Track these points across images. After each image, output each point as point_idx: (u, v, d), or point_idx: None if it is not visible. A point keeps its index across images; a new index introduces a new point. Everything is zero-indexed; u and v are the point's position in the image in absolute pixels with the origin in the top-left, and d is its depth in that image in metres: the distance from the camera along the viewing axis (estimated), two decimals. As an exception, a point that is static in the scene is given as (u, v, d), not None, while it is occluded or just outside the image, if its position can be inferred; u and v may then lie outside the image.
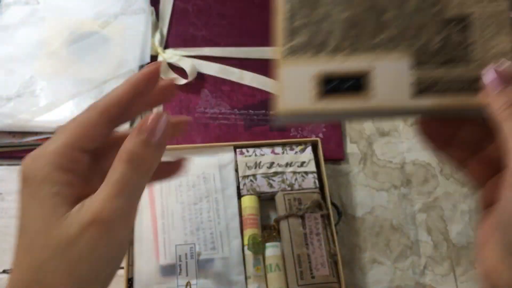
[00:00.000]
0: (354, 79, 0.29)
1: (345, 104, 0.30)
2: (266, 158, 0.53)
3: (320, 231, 0.49)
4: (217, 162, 0.53)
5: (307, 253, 0.47)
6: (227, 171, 0.53)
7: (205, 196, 0.51)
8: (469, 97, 0.28)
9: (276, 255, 0.48)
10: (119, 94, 0.30)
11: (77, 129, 0.29)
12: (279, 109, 0.30)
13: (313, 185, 0.52)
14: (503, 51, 0.28)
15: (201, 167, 0.52)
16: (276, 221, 0.50)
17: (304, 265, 0.47)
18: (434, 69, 0.29)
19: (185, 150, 0.54)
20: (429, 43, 0.29)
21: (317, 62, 0.30)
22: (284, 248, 0.49)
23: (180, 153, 0.53)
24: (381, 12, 0.30)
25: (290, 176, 0.53)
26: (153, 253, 0.48)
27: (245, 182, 0.52)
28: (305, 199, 0.50)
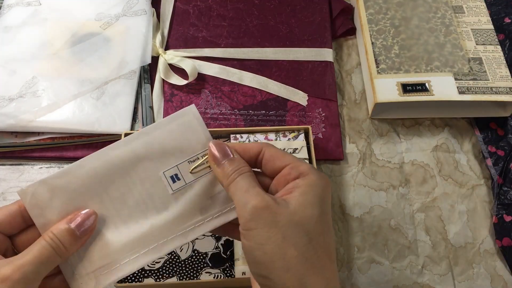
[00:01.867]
0: (420, 85, 0.59)
1: (417, 97, 0.58)
2: None
3: None
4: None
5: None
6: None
7: None
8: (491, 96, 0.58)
9: None
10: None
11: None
12: (377, 100, 0.58)
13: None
14: (504, 75, 0.59)
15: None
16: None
17: None
18: (467, 81, 0.59)
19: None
20: (462, 69, 0.60)
21: (398, 76, 0.60)
22: None
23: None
24: (430, 53, 0.61)
25: None
26: None
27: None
28: None
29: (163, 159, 0.35)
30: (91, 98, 0.58)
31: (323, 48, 0.65)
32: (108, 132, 0.56)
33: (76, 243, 0.34)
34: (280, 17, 0.67)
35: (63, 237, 0.33)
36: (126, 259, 0.35)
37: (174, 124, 0.35)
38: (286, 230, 0.30)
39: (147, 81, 0.61)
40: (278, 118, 0.60)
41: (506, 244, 0.53)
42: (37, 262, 0.31)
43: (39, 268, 0.31)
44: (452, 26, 0.63)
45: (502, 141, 0.59)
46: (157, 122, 0.36)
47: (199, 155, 0.36)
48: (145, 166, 0.35)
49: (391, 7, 0.65)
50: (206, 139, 0.36)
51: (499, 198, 0.55)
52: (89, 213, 0.35)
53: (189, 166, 0.36)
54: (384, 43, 0.62)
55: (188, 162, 0.36)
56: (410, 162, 0.59)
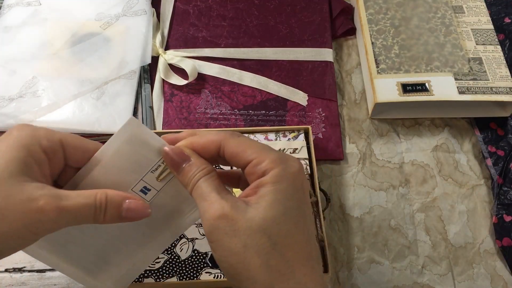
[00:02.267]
0: (420, 85, 0.59)
1: (417, 97, 0.58)
2: None
3: None
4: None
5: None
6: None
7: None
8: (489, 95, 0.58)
9: None
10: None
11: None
12: (377, 100, 0.58)
13: (304, 171, 0.53)
14: (504, 75, 0.59)
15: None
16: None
17: None
18: (467, 81, 0.59)
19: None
20: (462, 69, 0.60)
21: (398, 76, 0.60)
22: None
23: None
24: (430, 53, 0.61)
25: None
26: None
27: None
28: None
29: (126, 180, 0.35)
30: (91, 98, 0.58)
31: (323, 48, 0.65)
32: (108, 132, 0.56)
33: (114, 220, 0.33)
34: (280, 17, 0.67)
35: (111, 207, 0.32)
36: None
37: (120, 144, 0.34)
38: (247, 238, 0.28)
39: (147, 81, 0.61)
40: (278, 118, 0.60)
41: (506, 244, 0.53)
42: (74, 213, 0.31)
43: (72, 219, 0.31)
44: (452, 26, 0.63)
45: (502, 141, 0.59)
46: (101, 149, 0.34)
47: (159, 162, 0.35)
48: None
49: (391, 7, 0.65)
50: (158, 144, 0.35)
51: (499, 198, 0.55)
52: (145, 205, 0.33)
53: (154, 175, 0.35)
54: (384, 43, 0.62)
55: (151, 172, 0.35)
56: (410, 162, 0.59)
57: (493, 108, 0.60)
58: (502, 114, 0.60)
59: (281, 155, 0.31)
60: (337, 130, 0.60)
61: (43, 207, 0.29)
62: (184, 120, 0.59)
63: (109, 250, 0.37)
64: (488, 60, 0.61)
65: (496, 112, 0.60)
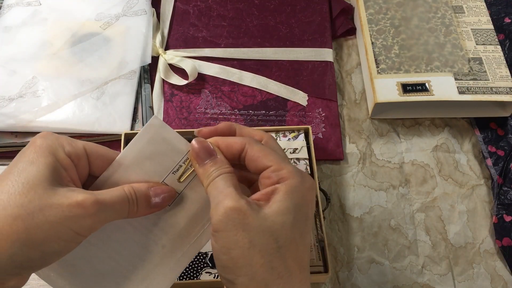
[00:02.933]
0: (420, 85, 0.58)
1: (417, 97, 0.58)
2: None
3: None
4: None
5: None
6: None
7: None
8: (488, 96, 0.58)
9: None
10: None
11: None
12: (377, 100, 0.58)
13: (304, 171, 0.53)
14: (504, 75, 0.59)
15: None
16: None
17: None
18: (467, 81, 0.59)
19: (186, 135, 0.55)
20: (462, 69, 0.60)
21: (398, 76, 0.59)
22: None
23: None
24: (430, 53, 0.61)
25: None
26: None
27: None
28: None
29: (147, 181, 0.35)
30: (91, 98, 0.58)
31: (323, 48, 0.65)
32: (108, 132, 0.56)
33: (145, 210, 0.34)
34: (280, 17, 0.67)
35: (140, 198, 0.33)
36: (155, 285, 0.35)
37: (142, 144, 0.34)
38: (255, 235, 0.30)
39: (147, 81, 0.61)
40: (278, 118, 0.60)
41: (506, 244, 0.53)
42: (112, 207, 0.31)
43: (109, 214, 0.31)
44: (452, 26, 0.63)
45: (502, 141, 0.59)
46: (124, 150, 0.34)
47: (181, 163, 0.35)
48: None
49: (391, 7, 0.65)
50: (181, 144, 0.35)
51: (499, 198, 0.55)
52: (170, 190, 0.34)
53: (175, 177, 0.35)
54: (384, 43, 0.62)
55: (172, 174, 0.35)
56: (410, 162, 0.59)
57: (493, 108, 0.60)
58: (502, 114, 0.60)
59: (298, 169, 0.33)
60: (337, 130, 0.60)
61: (83, 202, 0.29)
62: (184, 120, 0.59)
63: (122, 271, 0.35)
64: (488, 60, 0.61)
65: (496, 112, 0.60)
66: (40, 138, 0.32)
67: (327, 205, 0.54)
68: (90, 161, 0.33)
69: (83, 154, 0.33)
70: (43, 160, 0.30)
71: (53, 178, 0.30)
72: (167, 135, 0.34)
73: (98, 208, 0.30)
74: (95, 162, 0.34)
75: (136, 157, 0.34)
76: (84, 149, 0.33)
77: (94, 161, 0.34)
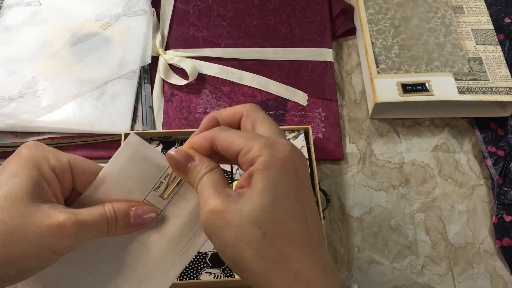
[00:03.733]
0: (420, 85, 0.58)
1: (417, 97, 0.58)
2: None
3: None
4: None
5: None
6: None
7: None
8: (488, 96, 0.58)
9: None
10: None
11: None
12: (377, 100, 0.58)
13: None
14: (504, 75, 0.59)
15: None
16: None
17: None
18: (467, 81, 0.59)
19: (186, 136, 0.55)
20: (462, 69, 0.60)
21: (398, 76, 0.59)
22: None
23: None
24: (430, 53, 0.61)
25: None
26: None
27: (238, 167, 0.53)
28: None
29: (129, 199, 0.34)
30: (91, 98, 0.58)
31: (323, 48, 0.65)
32: (108, 132, 0.56)
33: (126, 229, 0.33)
34: (280, 17, 0.67)
35: (120, 216, 0.33)
36: None
37: (122, 163, 0.34)
38: (237, 230, 0.28)
39: (147, 81, 0.61)
40: (278, 118, 0.60)
41: (506, 244, 0.53)
42: (92, 226, 0.31)
43: (89, 233, 0.31)
44: (452, 26, 0.63)
45: (502, 141, 0.59)
46: (104, 169, 0.34)
47: (161, 179, 0.35)
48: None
49: (391, 7, 0.65)
50: (160, 160, 0.34)
51: (499, 198, 0.55)
52: (151, 210, 0.34)
53: (157, 193, 0.35)
54: (384, 43, 0.62)
55: (154, 190, 0.35)
56: (410, 162, 0.59)
57: (493, 108, 0.60)
58: (502, 114, 0.60)
59: (268, 140, 0.30)
60: (337, 130, 0.60)
61: (63, 222, 0.29)
62: (184, 120, 0.59)
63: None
64: (488, 60, 0.61)
65: (496, 112, 0.60)
66: (25, 148, 0.31)
67: (327, 205, 0.54)
68: (75, 176, 0.33)
69: (67, 168, 0.32)
70: (26, 173, 0.30)
71: (35, 192, 0.30)
72: (146, 152, 0.34)
73: (78, 229, 0.30)
74: (80, 177, 0.33)
75: (117, 176, 0.34)
76: (69, 163, 0.32)
77: (78, 176, 0.33)
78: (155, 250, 0.35)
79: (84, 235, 0.31)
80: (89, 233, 0.31)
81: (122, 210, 0.33)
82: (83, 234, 0.31)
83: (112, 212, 0.32)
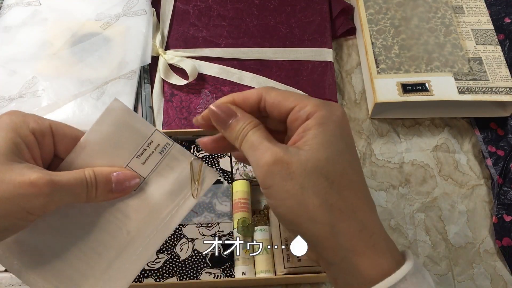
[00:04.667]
0: (420, 85, 0.58)
1: (417, 97, 0.57)
2: None
3: None
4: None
5: (294, 236, 0.48)
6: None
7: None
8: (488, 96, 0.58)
9: (264, 239, 0.49)
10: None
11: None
12: (377, 100, 0.58)
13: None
14: (504, 75, 0.59)
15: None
16: (266, 207, 0.52)
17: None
18: (467, 81, 0.59)
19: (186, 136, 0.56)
20: (462, 69, 0.60)
21: (398, 76, 0.59)
22: (272, 231, 0.50)
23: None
24: (430, 53, 0.61)
25: None
26: None
27: (238, 167, 0.53)
28: None
29: (112, 165, 0.34)
30: (91, 98, 0.58)
31: (323, 48, 0.65)
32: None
33: (107, 195, 0.33)
34: (280, 17, 0.67)
35: (100, 182, 0.33)
36: (120, 273, 0.34)
37: (106, 127, 0.34)
38: (303, 179, 0.29)
39: (147, 81, 0.61)
40: (278, 118, 0.60)
41: (506, 244, 0.53)
42: (68, 189, 0.31)
43: (64, 195, 0.31)
44: (452, 26, 0.63)
45: (502, 141, 0.59)
46: (86, 134, 0.34)
47: (145, 146, 0.34)
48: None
49: (391, 7, 0.65)
50: (144, 127, 0.34)
51: (499, 198, 0.55)
52: (133, 176, 0.34)
53: (139, 161, 0.34)
54: (384, 43, 0.62)
55: (137, 158, 0.34)
56: (410, 162, 0.59)
57: (493, 108, 0.60)
58: (502, 114, 0.60)
59: (322, 101, 0.31)
60: (337, 130, 0.60)
61: (36, 181, 0.29)
62: (184, 120, 0.59)
63: (87, 260, 0.34)
64: (488, 60, 0.61)
65: (496, 112, 0.60)
66: (6, 114, 0.32)
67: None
68: (56, 141, 0.33)
69: (48, 132, 0.32)
70: (3, 134, 0.30)
71: (12, 153, 0.30)
72: (129, 118, 0.34)
73: (52, 189, 0.30)
74: (62, 141, 0.33)
75: (99, 141, 0.34)
76: (50, 128, 0.32)
77: (60, 141, 0.33)
78: (136, 219, 0.35)
79: (58, 196, 0.31)
80: (66, 196, 0.31)
81: (103, 175, 0.33)
82: (58, 195, 0.31)
83: (92, 177, 0.32)
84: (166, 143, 0.35)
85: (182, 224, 0.50)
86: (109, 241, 0.35)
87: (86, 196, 0.32)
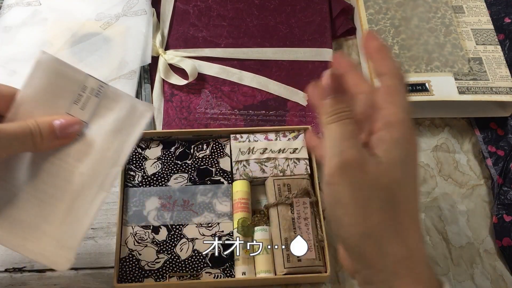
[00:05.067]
0: (420, 85, 0.58)
1: (417, 97, 0.57)
2: (260, 144, 0.55)
3: (308, 215, 0.50)
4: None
5: (294, 236, 0.48)
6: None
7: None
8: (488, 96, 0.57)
9: (264, 239, 0.49)
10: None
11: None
12: None
13: (304, 171, 0.53)
14: (504, 75, 0.59)
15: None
16: (266, 207, 0.52)
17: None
18: (467, 81, 0.58)
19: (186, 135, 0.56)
20: (462, 69, 0.59)
21: None
22: (272, 231, 0.50)
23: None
24: (430, 53, 0.61)
25: (283, 162, 0.54)
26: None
27: (238, 167, 0.53)
28: (294, 185, 0.52)
29: (53, 114, 0.36)
30: (91, 98, 0.58)
31: (323, 48, 0.65)
32: (108, 132, 0.56)
33: (52, 141, 0.35)
34: (280, 17, 0.67)
35: (44, 129, 0.34)
36: (82, 213, 0.36)
37: (38, 80, 0.35)
38: (373, 192, 0.28)
39: (147, 81, 0.61)
40: (278, 118, 0.60)
41: (506, 244, 0.53)
42: (13, 136, 0.33)
43: (12, 142, 0.33)
44: (452, 26, 0.63)
45: (502, 141, 0.59)
46: (21, 90, 0.36)
47: (80, 92, 0.36)
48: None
49: (391, 7, 0.65)
50: (76, 74, 0.36)
51: (499, 198, 0.55)
52: (75, 120, 0.36)
53: (78, 106, 0.36)
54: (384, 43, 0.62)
55: (75, 104, 0.36)
56: (410, 162, 0.59)
57: (493, 108, 0.60)
58: (502, 114, 0.60)
59: (405, 115, 0.31)
60: (337, 130, 0.60)
61: None
62: (184, 120, 0.59)
63: (47, 208, 0.36)
64: (488, 60, 0.61)
65: (496, 112, 0.60)
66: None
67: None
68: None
69: None
70: None
71: None
72: (60, 67, 0.35)
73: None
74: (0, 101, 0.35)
75: (35, 94, 0.35)
76: None
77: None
78: (86, 161, 0.36)
79: (6, 142, 0.32)
80: (13, 144, 0.33)
81: (46, 122, 0.34)
82: (5, 141, 0.32)
83: (35, 125, 0.34)
84: (99, 86, 0.37)
85: (182, 224, 0.50)
86: (64, 185, 0.36)
87: (32, 143, 0.34)
